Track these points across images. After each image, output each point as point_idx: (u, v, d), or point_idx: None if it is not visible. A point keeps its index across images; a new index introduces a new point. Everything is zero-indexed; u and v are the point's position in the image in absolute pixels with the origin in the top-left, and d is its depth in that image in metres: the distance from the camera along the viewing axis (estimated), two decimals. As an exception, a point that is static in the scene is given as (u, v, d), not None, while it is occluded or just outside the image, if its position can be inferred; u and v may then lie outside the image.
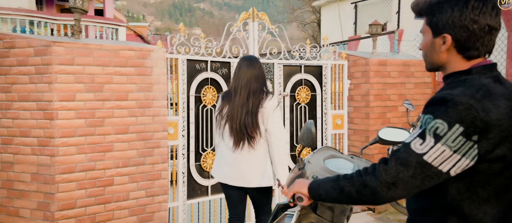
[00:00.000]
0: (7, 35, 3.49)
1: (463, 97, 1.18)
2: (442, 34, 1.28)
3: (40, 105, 3.39)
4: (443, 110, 1.18)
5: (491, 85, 1.23)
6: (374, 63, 5.21)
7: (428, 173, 1.21)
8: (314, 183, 1.46)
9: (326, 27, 13.66)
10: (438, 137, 1.18)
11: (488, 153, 1.19)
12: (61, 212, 3.45)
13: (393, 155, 1.26)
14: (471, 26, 1.24)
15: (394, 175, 1.22)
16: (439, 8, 1.27)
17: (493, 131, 1.17)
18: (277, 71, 4.97)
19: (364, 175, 1.30)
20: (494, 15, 1.24)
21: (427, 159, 1.20)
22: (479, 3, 1.23)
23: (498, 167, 1.20)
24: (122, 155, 3.71)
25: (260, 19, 4.85)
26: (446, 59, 1.31)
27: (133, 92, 3.73)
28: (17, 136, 3.51)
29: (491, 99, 1.19)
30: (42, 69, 3.37)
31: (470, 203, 1.23)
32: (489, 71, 1.27)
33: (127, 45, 3.72)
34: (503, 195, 1.24)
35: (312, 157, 1.83)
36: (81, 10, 3.65)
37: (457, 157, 1.18)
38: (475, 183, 1.22)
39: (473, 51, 1.27)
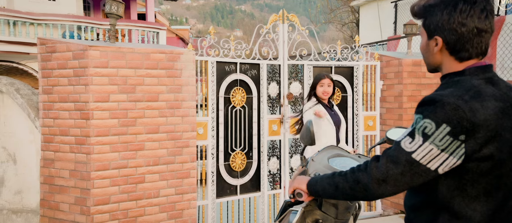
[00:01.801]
0: (49, 40, 3.75)
1: (451, 98, 1.22)
2: (434, 36, 1.33)
3: (78, 105, 3.62)
4: (432, 110, 1.22)
5: (482, 86, 1.26)
6: (408, 63, 5.08)
7: (417, 171, 1.25)
8: (313, 180, 1.52)
9: (364, 27, 13.41)
10: (426, 136, 1.22)
11: (476, 152, 1.22)
12: (96, 207, 3.65)
13: (385, 153, 1.31)
14: (460, 29, 1.28)
15: (384, 172, 1.28)
16: (431, 12, 1.32)
17: (480, 131, 1.20)
18: (307, 73, 4.98)
19: (357, 172, 1.35)
20: (483, 17, 1.27)
21: (415, 157, 1.24)
22: (467, 6, 1.26)
23: (486, 166, 1.24)
24: (153, 154, 3.87)
25: (290, 21, 4.88)
26: (440, 61, 1.36)
27: (164, 93, 3.88)
28: (57, 135, 3.76)
29: (479, 100, 1.22)
30: (80, 72, 3.59)
31: (460, 201, 1.27)
32: (483, 73, 1.30)
33: (158, 48, 3.88)
34: (493, 194, 1.27)
35: (317, 156, 1.86)
36: (116, 15, 3.85)
37: (444, 155, 1.22)
38: (464, 181, 1.26)
39: (464, 53, 1.30)
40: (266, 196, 4.78)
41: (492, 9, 1.29)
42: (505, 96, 1.28)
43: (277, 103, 4.90)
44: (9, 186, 4.21)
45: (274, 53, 4.82)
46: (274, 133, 4.84)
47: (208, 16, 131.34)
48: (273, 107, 4.90)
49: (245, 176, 4.69)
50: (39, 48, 3.79)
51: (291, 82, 4.95)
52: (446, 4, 1.29)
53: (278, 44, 4.83)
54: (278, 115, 4.88)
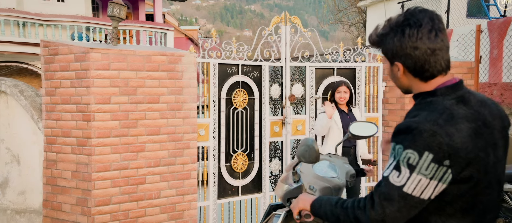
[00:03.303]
0: (52, 43, 3.80)
1: (427, 124, 1.23)
2: (394, 63, 1.37)
3: (79, 107, 3.67)
4: (411, 139, 1.23)
5: (454, 108, 1.28)
6: (410, 65, 5.05)
7: (412, 204, 1.25)
8: (316, 202, 1.51)
9: (371, 27, 13.34)
10: (412, 167, 1.23)
11: (458, 174, 1.24)
12: (97, 208, 3.69)
13: (376, 191, 1.31)
14: (413, 53, 1.30)
15: (381, 212, 1.27)
16: (385, 40, 1.36)
17: (460, 154, 1.22)
18: (309, 74, 4.97)
19: (356, 209, 1.34)
20: (433, 37, 1.29)
21: (406, 190, 1.24)
22: (414, 30, 1.29)
23: (466, 188, 1.26)
24: (153, 155, 3.90)
25: (292, 22, 4.88)
26: (408, 83, 1.39)
27: (165, 95, 3.91)
28: (59, 136, 3.81)
29: (453, 123, 1.24)
30: (81, 74, 3.63)
31: (437, 218, 1.29)
32: (454, 91, 1.32)
33: (159, 50, 3.91)
34: (470, 211, 1.29)
35: (303, 166, 1.86)
36: (118, 18, 3.89)
37: (434, 183, 1.23)
38: (443, 203, 1.28)
39: (426, 73, 1.33)
40: (268, 197, 4.79)
41: (440, 27, 1.30)
42: (476, 114, 1.30)
43: (279, 105, 4.90)
44: (13, 186, 4.28)
45: (276, 54, 4.82)
46: (276, 134, 4.85)
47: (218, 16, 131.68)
48: (275, 108, 4.90)
49: (247, 177, 4.70)
50: (42, 50, 3.84)
51: (293, 83, 4.96)
52: (395, 31, 1.32)
53: (280, 46, 4.84)
54: (280, 116, 4.89)
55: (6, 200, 4.34)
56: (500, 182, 1.37)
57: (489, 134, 1.30)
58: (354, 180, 1.94)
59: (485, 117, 1.32)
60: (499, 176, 1.35)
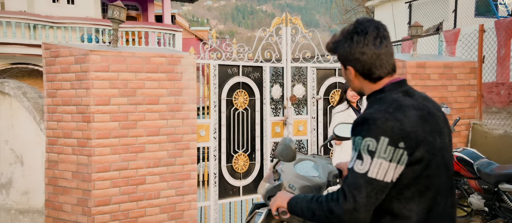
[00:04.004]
0: (53, 45, 3.86)
1: (379, 114, 1.39)
2: (347, 67, 1.52)
3: (79, 109, 3.72)
4: (367, 129, 1.38)
5: (401, 99, 1.44)
6: (411, 65, 5.00)
7: (378, 188, 1.36)
8: (293, 200, 1.59)
9: (380, 27, 13.22)
10: (372, 153, 1.36)
11: (412, 156, 1.37)
12: (97, 208, 3.74)
13: (345, 183, 1.41)
14: (361, 57, 1.46)
15: (352, 201, 1.37)
16: (337, 48, 1.52)
17: (411, 136, 1.36)
18: (310, 75, 4.96)
19: (330, 202, 1.44)
20: (378, 43, 1.44)
21: (371, 175, 1.36)
22: (361, 37, 1.45)
23: (418, 169, 1.39)
24: (153, 156, 3.93)
25: (293, 23, 4.88)
26: (360, 85, 1.54)
27: (164, 97, 3.94)
28: (60, 137, 3.87)
29: (401, 111, 1.39)
30: (81, 76, 3.68)
31: (398, 203, 1.41)
32: (400, 87, 1.48)
33: (158, 52, 3.94)
34: (425, 193, 1.41)
35: (284, 165, 1.89)
36: (118, 20, 3.93)
37: (393, 165, 1.36)
38: (401, 186, 1.40)
39: (374, 75, 1.48)
40: (269, 198, 4.78)
41: (385, 35, 1.46)
42: (421, 105, 1.45)
43: (280, 105, 4.90)
44: (17, 186, 4.35)
45: (277, 55, 4.82)
46: (277, 135, 4.84)
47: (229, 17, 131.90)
48: (276, 109, 4.90)
49: (248, 177, 4.71)
50: (44, 53, 3.90)
51: (295, 84, 4.95)
52: (345, 38, 1.48)
53: (281, 47, 4.83)
54: (281, 117, 4.88)
55: (10, 200, 4.42)
56: (448, 167, 1.49)
57: (434, 122, 1.45)
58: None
59: (429, 108, 1.47)
60: (447, 162, 1.48)
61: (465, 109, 5.36)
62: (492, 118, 5.72)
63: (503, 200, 3.89)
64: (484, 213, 4.24)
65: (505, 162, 4.84)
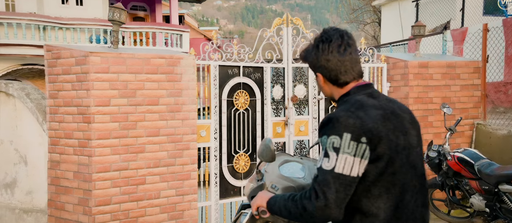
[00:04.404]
0: (55, 47, 3.92)
1: (341, 113, 1.49)
2: (316, 73, 1.64)
3: (80, 109, 3.77)
4: (331, 127, 1.47)
5: (364, 100, 1.54)
6: (413, 65, 4.97)
7: (346, 182, 1.43)
8: (272, 199, 1.65)
9: (386, 26, 13.14)
10: (337, 149, 1.44)
11: (374, 151, 1.44)
12: (97, 208, 3.79)
13: (315, 181, 1.48)
14: (327, 64, 1.57)
15: (323, 197, 1.43)
16: (307, 56, 1.64)
17: (372, 132, 1.44)
18: (312, 75, 4.95)
19: (303, 199, 1.50)
20: (342, 51, 1.54)
21: (338, 170, 1.43)
22: (326, 45, 1.56)
23: (382, 165, 1.46)
24: (153, 156, 3.97)
25: (294, 24, 4.88)
26: (329, 90, 1.65)
27: (164, 97, 3.98)
28: (62, 138, 3.92)
29: (363, 109, 1.49)
30: (82, 77, 3.73)
31: (366, 201, 1.48)
32: (364, 89, 1.59)
33: (158, 53, 3.98)
34: (391, 190, 1.48)
35: (268, 166, 1.91)
36: (119, 22, 3.97)
37: (358, 159, 1.43)
38: (368, 183, 1.47)
39: (340, 81, 1.58)
40: (270, 198, 4.79)
41: (349, 43, 1.55)
42: (384, 105, 1.55)
43: (281, 106, 4.91)
44: (21, 186, 4.43)
45: (278, 56, 4.83)
46: (278, 135, 4.85)
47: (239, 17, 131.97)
48: (277, 109, 4.91)
49: (249, 177, 4.72)
50: (46, 54, 3.97)
51: (296, 84, 4.95)
52: (313, 47, 1.60)
53: (282, 47, 4.84)
54: (282, 117, 4.89)
55: (14, 199, 4.50)
56: (415, 167, 1.55)
57: (398, 122, 1.53)
58: None
59: (393, 109, 1.55)
60: (414, 162, 1.54)
61: (468, 109, 5.31)
62: (498, 118, 5.65)
63: (504, 201, 3.85)
64: (485, 214, 4.20)
65: (509, 163, 4.78)
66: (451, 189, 4.60)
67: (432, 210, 4.88)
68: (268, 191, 1.74)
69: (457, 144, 5.22)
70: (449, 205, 4.68)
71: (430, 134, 5.08)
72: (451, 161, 4.34)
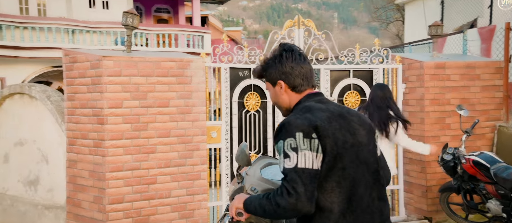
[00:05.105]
0: (71, 51, 4.10)
1: (292, 117, 1.67)
2: (278, 82, 1.78)
3: (94, 111, 3.93)
4: (285, 132, 1.63)
5: (313, 105, 1.71)
6: (429, 66, 4.89)
7: (310, 175, 1.56)
8: (248, 199, 1.74)
9: (410, 25, 12.88)
10: (295, 148, 1.58)
11: (324, 146, 1.59)
12: (111, 206, 3.94)
13: (284, 182, 1.59)
14: (291, 71, 1.74)
15: (293, 192, 1.55)
16: (269, 66, 1.80)
17: (319, 129, 1.60)
18: (324, 77, 4.96)
19: (276, 196, 1.60)
20: (303, 60, 1.76)
21: (301, 166, 1.56)
22: (289, 54, 1.75)
23: (331, 161, 1.59)
24: (164, 157, 4.09)
25: (305, 25, 4.89)
26: (288, 98, 1.79)
27: (174, 100, 4.09)
28: (79, 138, 4.10)
29: (310, 112, 1.67)
30: (96, 80, 3.90)
31: (321, 196, 1.60)
32: (314, 97, 1.77)
33: (168, 56, 4.10)
34: (342, 184, 1.61)
35: (250, 169, 1.96)
36: (132, 26, 4.12)
37: (314, 153, 1.58)
38: (320, 179, 1.59)
39: (299, 87, 1.76)
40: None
41: (305, 55, 1.79)
42: (331, 109, 1.71)
43: (292, 108, 4.93)
44: (43, 184, 4.66)
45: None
46: (290, 137, 4.88)
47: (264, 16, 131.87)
48: (288, 111, 4.94)
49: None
50: (64, 59, 4.16)
51: (307, 86, 4.96)
52: (276, 57, 1.77)
53: (294, 49, 4.86)
54: (294, 119, 4.91)
55: (37, 196, 4.73)
56: (367, 163, 1.69)
57: (345, 123, 1.68)
58: None
59: (341, 111, 1.71)
60: (365, 158, 1.68)
61: (489, 111, 5.16)
62: (522, 120, 5.46)
63: None
64: (503, 219, 4.09)
65: (531, 166, 4.62)
66: (468, 193, 4.50)
67: (449, 214, 4.78)
68: (245, 193, 1.81)
69: (477, 147, 5.08)
70: (466, 209, 4.57)
71: (447, 136, 4.97)
72: (466, 164, 4.25)
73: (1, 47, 12.46)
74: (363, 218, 1.62)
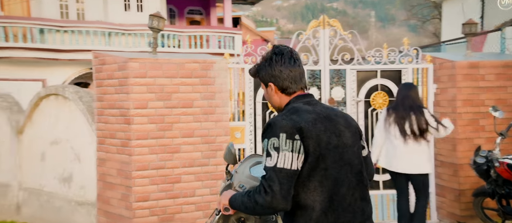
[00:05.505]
0: (100, 54, 4.25)
1: (278, 118, 1.73)
2: (268, 83, 1.84)
3: (121, 111, 4.06)
4: (270, 131, 1.70)
5: (301, 106, 1.76)
6: (462, 66, 4.70)
7: (287, 175, 1.63)
8: (233, 197, 1.82)
9: (448, 23, 12.40)
10: (277, 148, 1.65)
11: (307, 147, 1.65)
12: (137, 203, 4.05)
13: (263, 178, 1.68)
14: (280, 74, 1.79)
15: (269, 190, 1.63)
16: (260, 69, 1.86)
17: (303, 130, 1.66)
18: (350, 77, 4.88)
19: (255, 194, 1.68)
20: (293, 63, 1.80)
21: (279, 165, 1.63)
22: (279, 57, 1.79)
23: (313, 162, 1.66)
24: (188, 156, 4.16)
25: (331, 25, 4.83)
26: (279, 99, 1.85)
27: (198, 100, 4.15)
28: (107, 138, 4.25)
29: (296, 114, 1.72)
30: (123, 81, 4.02)
31: (303, 194, 1.67)
32: (303, 98, 1.81)
33: (192, 58, 4.16)
34: (324, 184, 1.67)
35: (240, 167, 2.04)
36: (157, 29, 4.22)
37: (295, 155, 1.64)
38: (303, 178, 1.66)
39: (289, 89, 1.81)
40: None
41: (297, 57, 1.82)
42: (318, 111, 1.76)
43: (318, 108, 4.88)
44: (76, 181, 4.86)
45: (314, 58, 4.81)
46: (315, 138, 4.83)
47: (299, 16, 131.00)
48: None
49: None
50: (93, 61, 4.32)
51: (333, 86, 4.90)
52: (266, 60, 1.83)
53: (319, 50, 4.82)
54: (319, 120, 4.86)
55: (71, 193, 4.94)
56: (351, 164, 1.74)
57: (331, 125, 1.74)
58: None
59: (328, 114, 1.76)
60: (349, 160, 1.74)
61: (528, 112, 4.89)
62: None
63: None
64: (540, 225, 3.87)
65: None
66: (503, 197, 4.29)
67: (484, 220, 4.57)
68: (232, 190, 1.90)
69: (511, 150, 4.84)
70: (502, 215, 4.36)
71: (481, 138, 4.76)
72: (500, 168, 4.06)
73: (43, 50, 13.10)
74: (344, 216, 1.68)
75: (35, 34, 12.99)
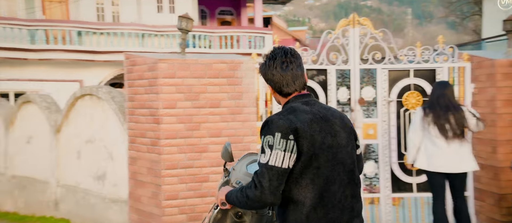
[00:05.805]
0: (131, 55, 4.35)
1: (275, 117, 1.81)
2: (268, 85, 1.94)
3: (151, 111, 4.14)
4: (267, 129, 1.78)
5: (299, 106, 1.82)
6: (502, 64, 4.48)
7: (278, 173, 1.71)
8: (229, 192, 1.92)
9: (489, 19, 11.88)
10: (271, 146, 1.73)
11: (300, 147, 1.73)
12: (167, 202, 4.12)
13: (255, 174, 1.77)
14: (272, 78, 1.87)
15: (259, 186, 1.73)
16: (260, 72, 1.96)
17: (299, 131, 1.74)
18: (381, 76, 4.76)
19: (247, 189, 1.79)
20: (285, 67, 1.84)
21: (271, 163, 1.72)
22: (271, 61, 1.85)
23: (306, 160, 1.74)
24: (216, 156, 4.19)
25: (361, 24, 4.73)
26: (278, 98, 1.95)
27: (225, 100, 4.17)
28: (138, 137, 4.34)
29: (293, 114, 1.79)
30: (152, 82, 4.10)
31: (296, 191, 1.76)
32: (301, 98, 1.87)
33: (219, 58, 4.19)
34: (316, 181, 1.75)
35: (237, 165, 2.14)
36: (186, 30, 4.27)
37: (288, 154, 1.72)
38: (296, 175, 1.75)
39: (284, 92, 1.88)
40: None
41: (291, 60, 1.84)
42: (316, 111, 1.82)
43: (347, 108, 4.79)
44: (109, 179, 5.00)
45: (344, 58, 4.73)
46: (344, 139, 4.74)
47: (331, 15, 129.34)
48: (343, 112, 4.80)
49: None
50: (125, 62, 4.42)
51: (363, 86, 4.79)
52: (263, 62, 1.90)
53: (349, 49, 4.73)
54: (349, 120, 4.77)
55: (104, 190, 5.09)
56: (344, 163, 1.82)
57: (327, 125, 1.81)
58: None
59: (326, 115, 1.83)
60: (342, 159, 1.82)
61: None
62: None
63: None
64: None
65: None
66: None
67: None
68: (229, 186, 1.99)
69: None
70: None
71: (523, 140, 4.53)
72: None
73: (80, 51, 13.60)
74: (333, 212, 1.77)
75: (74, 37, 13.51)
